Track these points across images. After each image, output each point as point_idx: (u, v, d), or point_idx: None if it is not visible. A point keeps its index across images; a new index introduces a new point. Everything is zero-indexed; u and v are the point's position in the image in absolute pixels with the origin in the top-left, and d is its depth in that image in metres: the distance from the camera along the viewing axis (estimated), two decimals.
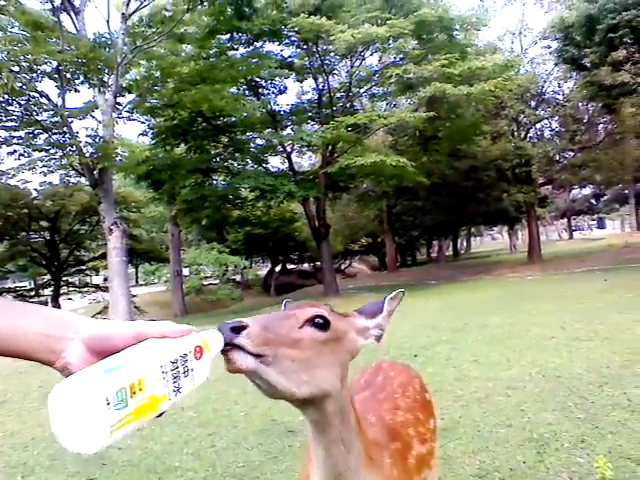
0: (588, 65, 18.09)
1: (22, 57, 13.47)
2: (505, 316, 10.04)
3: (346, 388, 1.24)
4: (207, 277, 28.61)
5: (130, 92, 17.08)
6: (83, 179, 19.20)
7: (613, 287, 12.95)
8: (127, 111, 17.90)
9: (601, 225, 69.52)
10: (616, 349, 6.28)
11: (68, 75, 15.13)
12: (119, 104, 16.44)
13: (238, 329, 0.96)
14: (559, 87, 27.37)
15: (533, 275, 20.51)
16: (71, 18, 14.39)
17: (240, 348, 0.96)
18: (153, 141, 20.36)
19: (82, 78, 15.15)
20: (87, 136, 15.56)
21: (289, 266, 40.75)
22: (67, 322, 0.74)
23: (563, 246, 40.81)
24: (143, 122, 19.95)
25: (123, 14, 14.42)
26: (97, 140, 15.13)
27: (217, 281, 28.95)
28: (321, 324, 1.12)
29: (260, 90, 21.02)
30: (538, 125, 28.14)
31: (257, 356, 0.99)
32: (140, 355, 0.72)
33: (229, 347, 0.95)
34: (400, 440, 1.67)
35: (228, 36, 18.69)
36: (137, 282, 41.36)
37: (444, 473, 3.39)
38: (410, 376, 2.19)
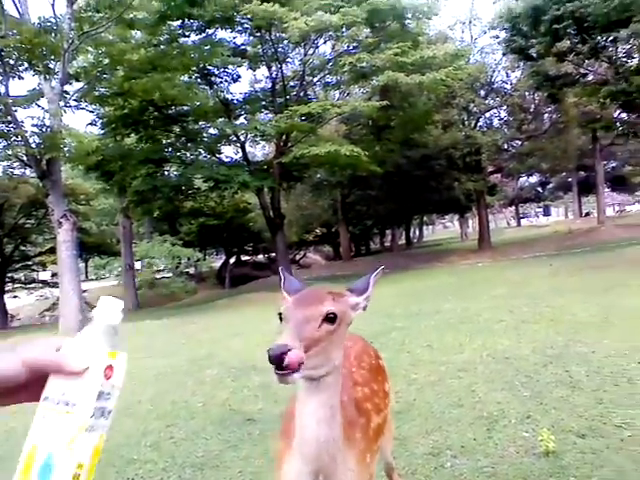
0: (534, 55, 18.61)
1: None
2: (457, 302, 10.32)
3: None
4: (160, 270, 28.21)
5: (78, 80, 16.54)
6: (28, 170, 18.55)
7: (558, 272, 13.51)
8: (75, 100, 17.31)
9: (547, 212, 71.84)
10: (560, 330, 6.59)
11: (11, 61, 14.53)
12: (66, 92, 15.89)
13: (289, 350, 1.22)
14: (507, 77, 28.17)
15: (483, 262, 21.10)
16: (13, 2, 13.80)
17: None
18: (102, 131, 19.85)
19: (26, 64, 14.57)
20: (33, 125, 15.01)
21: (243, 257, 40.47)
22: None
23: (511, 233, 42.05)
24: (92, 111, 19.37)
25: None
26: (44, 130, 14.62)
27: (170, 274, 28.59)
28: (332, 318, 1.39)
29: (213, 78, 20.72)
30: (487, 114, 28.88)
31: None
32: (61, 440, 0.67)
33: (282, 372, 1.22)
34: (364, 415, 1.81)
35: (179, 22, 18.28)
36: (87, 277, 40.35)
37: (399, 453, 3.50)
38: (364, 345, 2.31)
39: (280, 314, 1.45)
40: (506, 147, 29.60)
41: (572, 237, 25.57)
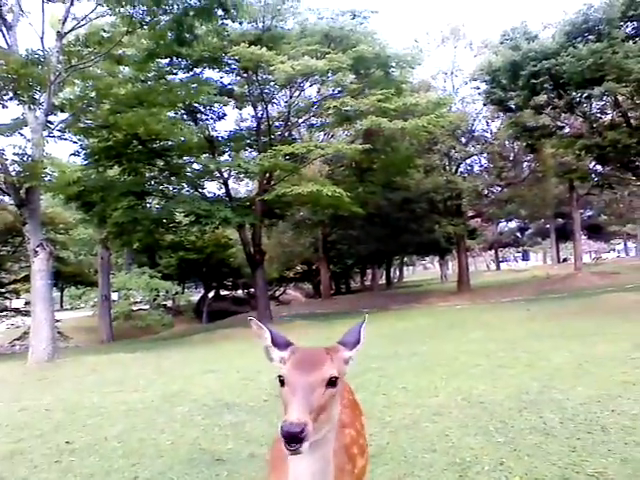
0: (513, 107, 19.16)
1: None
2: (434, 344, 10.33)
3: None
4: (137, 302, 27.87)
5: (63, 111, 16.57)
6: (7, 198, 18.33)
7: (535, 316, 13.63)
8: (59, 130, 17.29)
9: (525, 257, 72.95)
10: (535, 375, 6.61)
11: None
12: (50, 122, 15.88)
13: (303, 428, 1.26)
14: (487, 126, 28.91)
15: (462, 304, 21.19)
16: (2, 33, 13.89)
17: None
18: (85, 162, 19.76)
19: (11, 94, 14.58)
20: (14, 154, 14.93)
21: (222, 292, 40.20)
22: None
23: (490, 277, 42.44)
24: (75, 142, 19.32)
25: (58, 32, 14.04)
26: (25, 159, 14.55)
27: (147, 306, 28.21)
28: (334, 381, 1.41)
29: (198, 115, 20.92)
30: (468, 161, 29.49)
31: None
32: None
33: (297, 445, 1.27)
34: (351, 460, 1.84)
35: (167, 60, 18.55)
36: (62, 306, 39.62)
37: None
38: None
39: (280, 377, 1.46)
40: (486, 193, 30.16)
41: (550, 282, 25.90)
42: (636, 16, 15.18)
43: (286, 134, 22.09)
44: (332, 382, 1.41)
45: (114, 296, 27.13)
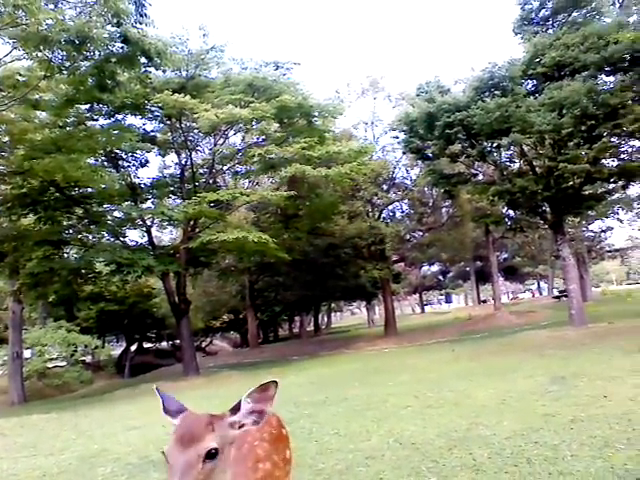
0: (430, 155, 20.06)
1: None
2: (364, 388, 10.33)
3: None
4: (53, 359, 26.21)
5: None
6: None
7: (459, 357, 14.00)
8: None
9: (448, 300, 75.23)
10: (462, 414, 6.75)
11: None
12: None
13: None
14: (407, 173, 30.17)
15: (389, 348, 21.45)
16: None
17: None
18: None
19: None
20: None
21: (146, 345, 38.60)
22: None
23: (416, 319, 43.37)
24: None
25: None
26: None
27: (64, 363, 26.61)
28: (214, 454, 1.38)
29: (120, 162, 20.47)
30: (390, 207, 30.47)
31: None
32: None
33: None
34: None
35: (88, 106, 18.14)
36: None
37: None
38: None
39: (164, 453, 1.42)
40: (408, 238, 31.18)
41: (472, 323, 26.80)
42: (535, 75, 16.57)
43: (211, 181, 22.01)
44: (211, 455, 1.38)
45: (27, 353, 25.40)
